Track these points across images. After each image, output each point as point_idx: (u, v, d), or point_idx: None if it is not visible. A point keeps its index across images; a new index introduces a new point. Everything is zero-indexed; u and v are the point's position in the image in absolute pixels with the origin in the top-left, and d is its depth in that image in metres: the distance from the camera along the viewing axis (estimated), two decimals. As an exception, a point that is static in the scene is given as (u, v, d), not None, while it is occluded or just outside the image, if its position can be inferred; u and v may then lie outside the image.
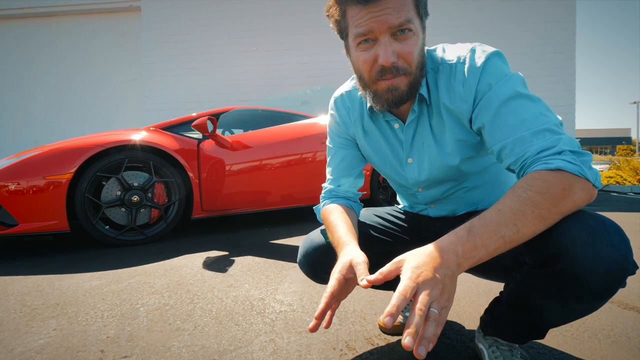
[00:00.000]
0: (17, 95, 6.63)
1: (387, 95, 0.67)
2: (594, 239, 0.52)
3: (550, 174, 0.53)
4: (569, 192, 0.52)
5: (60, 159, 2.02)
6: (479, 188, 0.82)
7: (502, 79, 0.64)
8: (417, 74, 0.67)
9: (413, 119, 0.75)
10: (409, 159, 0.80)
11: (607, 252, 0.51)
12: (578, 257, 0.52)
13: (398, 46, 0.63)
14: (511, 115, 0.61)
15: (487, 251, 0.51)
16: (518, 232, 0.51)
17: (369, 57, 0.65)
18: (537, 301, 0.62)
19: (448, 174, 0.77)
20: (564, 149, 0.55)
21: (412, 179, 0.82)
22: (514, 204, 0.52)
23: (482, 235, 0.51)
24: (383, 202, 3.27)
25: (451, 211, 0.87)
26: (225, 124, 3.27)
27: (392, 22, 0.61)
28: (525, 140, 0.58)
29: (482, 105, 0.65)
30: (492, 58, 0.66)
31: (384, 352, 0.89)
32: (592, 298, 0.55)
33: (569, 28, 5.30)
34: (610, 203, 4.12)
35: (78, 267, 1.72)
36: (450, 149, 0.74)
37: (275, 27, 5.70)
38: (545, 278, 0.57)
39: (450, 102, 0.69)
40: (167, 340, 0.97)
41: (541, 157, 0.56)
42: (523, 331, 0.71)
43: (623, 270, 0.52)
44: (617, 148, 39.71)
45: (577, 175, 0.52)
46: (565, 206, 0.53)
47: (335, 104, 0.88)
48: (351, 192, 0.89)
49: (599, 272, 0.52)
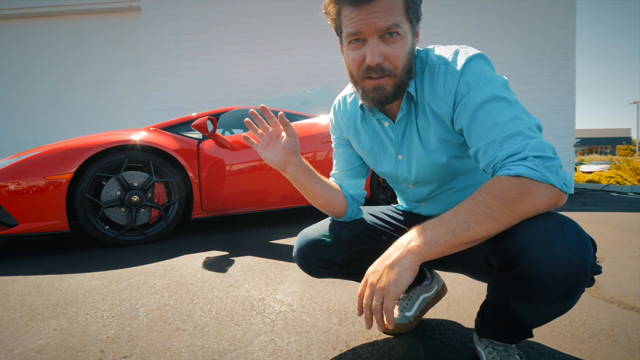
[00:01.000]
0: (17, 95, 6.62)
1: (373, 94, 0.71)
2: (550, 241, 0.53)
3: (508, 179, 0.54)
4: (527, 196, 0.53)
5: (60, 159, 2.02)
6: (468, 189, 0.83)
7: (481, 81, 0.65)
8: (402, 76, 0.69)
9: (402, 117, 0.78)
10: (399, 156, 0.83)
11: (563, 254, 0.52)
12: (535, 260, 0.53)
13: (385, 48, 0.66)
14: (486, 118, 0.62)
15: (438, 243, 0.56)
16: (468, 229, 0.54)
17: (358, 56, 0.68)
18: (510, 302, 0.63)
19: (434, 172, 0.80)
20: (528, 155, 0.56)
21: (402, 175, 0.85)
22: (468, 205, 0.56)
23: (433, 228, 0.57)
24: (383, 202, 3.27)
25: (442, 211, 0.87)
26: (225, 124, 3.27)
27: (380, 25, 0.64)
28: (496, 144, 0.60)
29: (460, 108, 0.67)
30: (474, 60, 0.67)
31: (384, 352, 0.89)
32: (557, 299, 0.56)
33: (569, 28, 5.29)
34: (610, 203, 4.12)
35: (78, 267, 1.72)
36: (434, 147, 0.76)
37: (275, 27, 5.69)
38: (510, 281, 0.59)
39: (433, 102, 0.72)
40: (167, 340, 0.97)
41: (507, 162, 0.57)
42: (511, 332, 0.72)
43: (581, 271, 0.53)
44: (617, 148, 39.70)
45: (537, 180, 0.53)
46: (521, 209, 0.54)
47: (334, 108, 0.94)
48: (355, 190, 0.93)
49: (556, 274, 0.53)
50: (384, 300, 0.56)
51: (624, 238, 2.21)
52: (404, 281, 0.55)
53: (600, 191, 5.93)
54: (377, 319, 0.57)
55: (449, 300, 1.22)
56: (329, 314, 1.13)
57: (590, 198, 4.72)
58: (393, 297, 0.55)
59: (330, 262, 0.87)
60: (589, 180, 7.59)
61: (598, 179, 7.42)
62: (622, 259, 1.72)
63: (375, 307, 0.57)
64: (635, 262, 1.68)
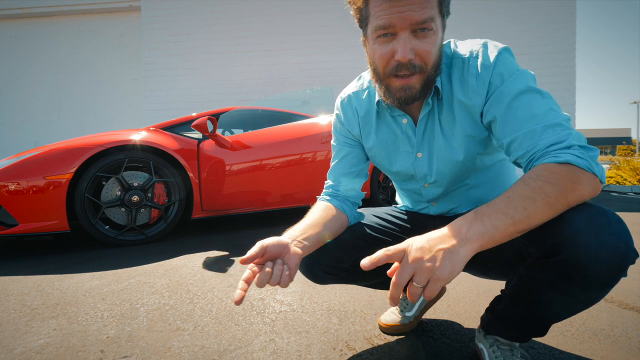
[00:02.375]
0: (17, 95, 6.62)
1: (400, 93, 0.68)
2: (596, 228, 0.53)
3: (559, 167, 0.54)
4: (577, 185, 0.53)
5: (60, 159, 2.02)
6: (481, 186, 0.82)
7: (514, 74, 0.65)
8: (431, 73, 0.67)
9: (426, 113, 0.75)
10: (419, 154, 0.80)
11: (610, 240, 0.52)
12: (582, 246, 0.53)
13: (417, 43, 0.63)
14: (522, 109, 0.62)
15: (498, 231, 0.52)
16: (528, 217, 0.52)
17: (386, 52, 0.65)
18: (541, 294, 0.62)
19: (454, 170, 0.78)
20: (573, 143, 0.56)
21: (421, 174, 0.82)
22: (523, 191, 0.54)
23: (490, 215, 0.53)
24: (383, 202, 3.27)
25: (452, 209, 0.87)
26: (225, 124, 3.27)
27: (415, 19, 0.60)
28: (536, 134, 0.60)
29: (494, 99, 0.66)
30: (504, 53, 0.67)
31: (384, 352, 0.89)
32: (596, 287, 0.56)
33: (569, 28, 5.29)
34: (610, 203, 4.12)
35: (78, 267, 1.72)
36: (457, 144, 0.74)
37: (275, 27, 5.69)
38: (550, 268, 0.58)
39: (463, 95, 0.70)
40: (167, 340, 0.97)
41: (550, 150, 0.57)
42: (525, 328, 0.71)
43: (625, 257, 0.53)
44: (617, 148, 39.70)
45: (585, 169, 0.54)
46: (572, 198, 0.54)
47: (342, 104, 0.89)
48: (352, 192, 0.89)
49: (602, 259, 0.53)
50: (430, 284, 0.50)
51: (624, 238, 2.21)
52: (458, 271, 0.51)
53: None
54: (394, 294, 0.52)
55: (449, 300, 1.22)
56: (329, 314, 1.13)
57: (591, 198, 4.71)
58: (442, 284, 0.50)
59: (337, 267, 0.84)
60: (589, 180, 7.57)
61: (598, 179, 7.40)
62: (622, 259, 1.72)
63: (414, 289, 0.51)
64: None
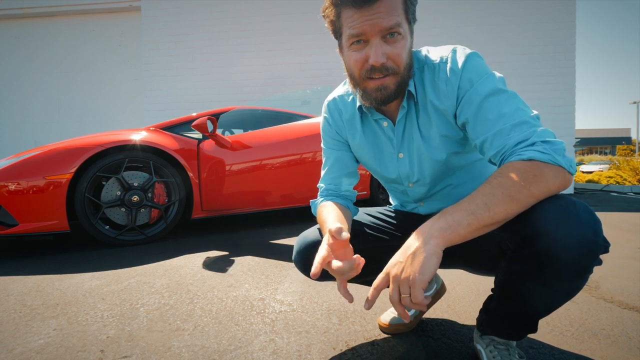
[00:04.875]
0: (17, 95, 6.62)
1: (376, 93, 0.72)
2: (564, 217, 0.55)
3: (521, 163, 0.57)
4: (540, 177, 0.56)
5: (60, 159, 2.03)
6: (464, 185, 0.85)
7: (482, 77, 0.68)
8: (404, 74, 0.71)
9: (403, 115, 0.79)
10: (400, 154, 0.83)
11: (578, 229, 0.55)
12: (551, 235, 0.55)
13: (387, 48, 0.67)
14: (491, 110, 0.66)
15: (461, 226, 0.55)
16: (489, 210, 0.55)
17: (360, 57, 0.69)
18: (521, 287, 0.64)
19: (436, 169, 0.81)
20: (536, 140, 0.59)
21: (403, 174, 0.86)
22: (484, 188, 0.58)
23: (453, 212, 0.57)
24: (383, 202, 3.27)
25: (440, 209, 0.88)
26: (225, 124, 3.27)
27: (384, 25, 0.65)
28: (504, 133, 0.63)
29: (464, 102, 0.69)
30: (472, 57, 0.71)
31: (384, 352, 0.89)
32: (570, 275, 0.58)
33: (569, 28, 5.29)
34: (610, 203, 4.12)
35: (78, 267, 1.72)
36: (436, 144, 0.78)
37: (275, 27, 5.69)
38: (526, 260, 0.60)
39: (436, 99, 0.74)
40: (167, 340, 0.97)
41: (517, 149, 0.60)
42: (516, 325, 0.73)
43: (594, 244, 0.55)
44: (617, 148, 39.70)
45: (549, 163, 0.56)
46: (537, 189, 0.56)
47: (328, 107, 0.92)
48: (349, 191, 0.93)
49: (571, 248, 0.55)
50: (412, 291, 0.53)
51: (624, 238, 2.21)
52: (430, 268, 0.53)
53: (600, 191, 5.93)
54: (398, 311, 0.55)
55: (448, 300, 1.23)
56: (329, 314, 1.13)
57: (590, 198, 4.72)
58: (420, 286, 0.53)
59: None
60: (589, 180, 7.59)
61: (598, 179, 7.42)
62: (622, 259, 1.72)
63: (404, 300, 0.54)
64: (635, 262, 1.68)
